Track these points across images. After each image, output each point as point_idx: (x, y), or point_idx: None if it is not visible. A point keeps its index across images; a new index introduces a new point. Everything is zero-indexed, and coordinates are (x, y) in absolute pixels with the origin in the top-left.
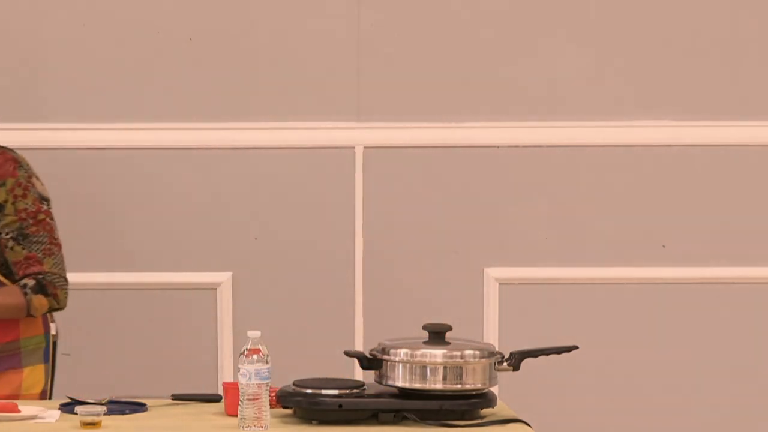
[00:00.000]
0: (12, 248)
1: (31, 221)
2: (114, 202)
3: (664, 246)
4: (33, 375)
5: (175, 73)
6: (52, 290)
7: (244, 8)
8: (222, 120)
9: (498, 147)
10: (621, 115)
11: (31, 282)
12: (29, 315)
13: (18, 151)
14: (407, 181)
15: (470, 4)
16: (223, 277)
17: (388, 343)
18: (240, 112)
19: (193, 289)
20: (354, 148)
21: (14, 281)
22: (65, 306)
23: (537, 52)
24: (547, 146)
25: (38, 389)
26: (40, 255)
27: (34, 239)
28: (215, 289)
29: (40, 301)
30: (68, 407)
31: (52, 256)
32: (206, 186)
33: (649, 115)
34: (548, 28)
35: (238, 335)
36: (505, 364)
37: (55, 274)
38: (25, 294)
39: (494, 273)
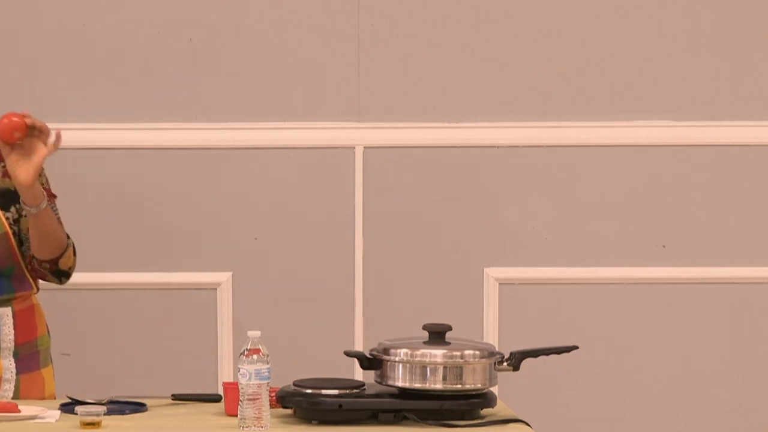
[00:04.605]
0: None
1: (46, 195)
2: (114, 202)
3: (664, 246)
4: (48, 376)
5: (175, 73)
6: (75, 254)
7: (244, 8)
8: (222, 120)
9: (498, 147)
10: (621, 115)
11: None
12: (59, 260)
13: None
14: (407, 181)
15: (470, 5)
16: (223, 277)
17: (388, 343)
18: (240, 112)
19: (193, 289)
20: (354, 148)
21: (24, 255)
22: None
23: (537, 52)
24: (547, 146)
25: (52, 391)
26: (58, 224)
27: (52, 207)
28: (215, 289)
29: (71, 253)
30: (68, 407)
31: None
32: (206, 186)
33: (649, 115)
34: (548, 28)
35: (238, 335)
36: (505, 364)
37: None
38: (68, 236)
39: (494, 273)
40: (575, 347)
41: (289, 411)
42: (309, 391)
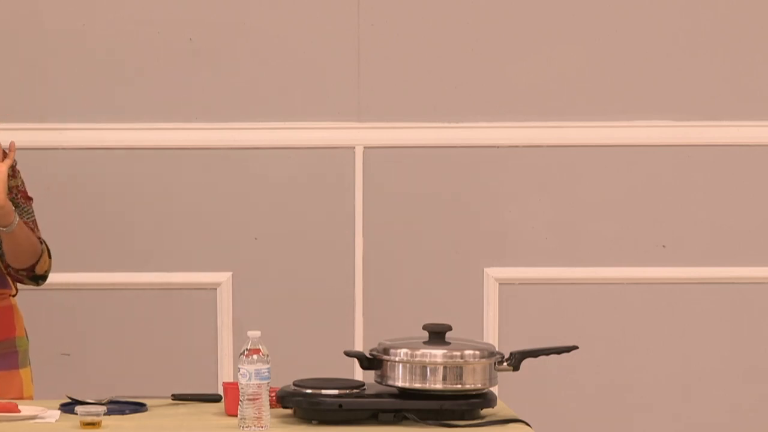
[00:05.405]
0: None
1: (21, 196)
2: (114, 202)
3: (664, 246)
4: (27, 378)
5: (175, 73)
6: (50, 256)
7: (244, 8)
8: (222, 120)
9: (498, 147)
10: (621, 115)
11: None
12: (35, 266)
13: (19, 152)
14: (407, 181)
15: (470, 5)
16: (223, 277)
17: (388, 343)
18: (240, 112)
19: (193, 289)
20: (354, 148)
21: (2, 258)
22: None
23: (537, 52)
24: (547, 146)
25: (30, 393)
26: (32, 225)
27: (26, 210)
28: (215, 289)
29: (47, 257)
30: (68, 407)
31: (39, 231)
32: (206, 186)
33: (649, 115)
34: (548, 28)
35: (238, 335)
36: (505, 364)
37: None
38: (40, 241)
39: (494, 273)
40: (575, 347)
41: (289, 411)
42: (309, 391)
